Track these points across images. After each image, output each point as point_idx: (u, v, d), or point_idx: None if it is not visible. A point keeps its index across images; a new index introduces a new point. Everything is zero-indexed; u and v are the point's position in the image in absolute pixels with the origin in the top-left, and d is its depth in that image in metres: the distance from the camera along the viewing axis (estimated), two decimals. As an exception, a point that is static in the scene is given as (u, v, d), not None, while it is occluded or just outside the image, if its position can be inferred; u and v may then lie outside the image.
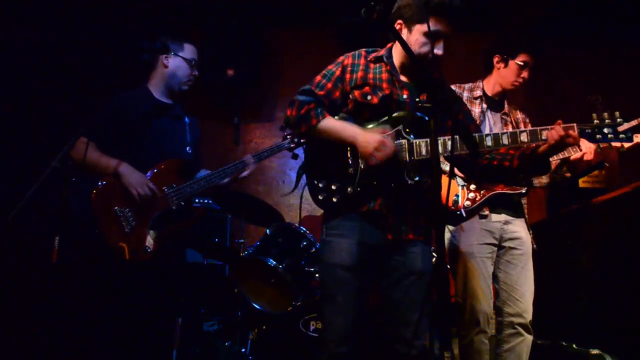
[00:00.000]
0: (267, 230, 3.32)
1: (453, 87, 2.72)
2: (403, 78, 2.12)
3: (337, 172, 2.04)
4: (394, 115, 2.03)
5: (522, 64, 2.69)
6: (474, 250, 2.60)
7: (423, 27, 1.96)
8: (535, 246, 2.72)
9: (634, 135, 1.97)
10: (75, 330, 2.81)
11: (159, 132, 2.60)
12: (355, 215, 2.02)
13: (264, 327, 3.08)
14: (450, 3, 1.94)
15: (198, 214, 2.63)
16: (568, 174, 2.72)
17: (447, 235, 2.73)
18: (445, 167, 2.64)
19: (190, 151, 2.70)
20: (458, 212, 2.62)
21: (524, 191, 2.69)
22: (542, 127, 1.96)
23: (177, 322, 2.96)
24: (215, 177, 2.61)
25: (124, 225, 2.41)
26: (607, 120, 1.95)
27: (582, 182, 3.89)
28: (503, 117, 2.81)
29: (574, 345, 2.93)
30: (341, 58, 2.15)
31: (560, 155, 2.70)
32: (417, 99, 2.07)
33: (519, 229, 2.68)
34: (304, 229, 3.18)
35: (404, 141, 1.99)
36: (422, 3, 1.95)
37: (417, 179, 1.97)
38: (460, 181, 2.67)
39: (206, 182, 2.59)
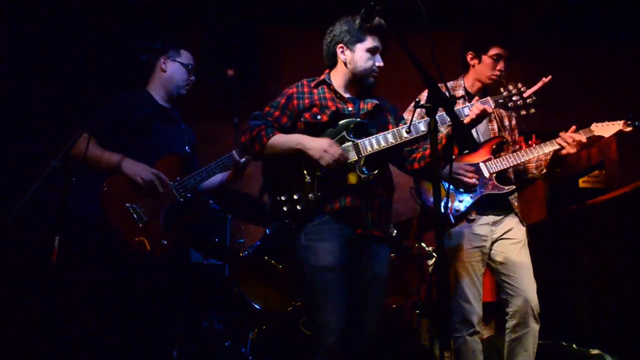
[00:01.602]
0: (267, 230, 3.33)
1: None
2: (347, 95, 2.37)
3: (296, 184, 2.23)
4: (337, 125, 2.28)
5: (495, 57, 2.69)
6: (463, 255, 2.62)
7: (364, 45, 2.29)
8: (528, 238, 2.72)
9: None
10: (77, 330, 2.81)
11: (158, 134, 2.62)
12: (329, 218, 2.19)
13: (264, 327, 3.09)
14: (380, 24, 2.27)
15: (204, 205, 2.67)
16: (558, 169, 2.75)
17: None
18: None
19: (189, 150, 2.73)
20: (450, 217, 2.63)
21: (512, 189, 2.68)
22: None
23: (177, 322, 2.96)
24: (215, 168, 2.65)
25: (137, 221, 2.42)
26: (513, 90, 2.25)
27: (582, 182, 3.91)
28: None
29: (574, 345, 2.94)
30: (285, 90, 2.39)
31: (545, 145, 2.67)
32: (360, 108, 2.35)
33: (509, 224, 2.69)
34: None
35: (349, 143, 2.24)
36: (358, 26, 2.29)
37: (367, 173, 2.21)
38: (446, 185, 2.66)
39: (207, 172, 2.63)
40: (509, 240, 2.65)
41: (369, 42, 2.29)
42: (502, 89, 2.27)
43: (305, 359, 2.89)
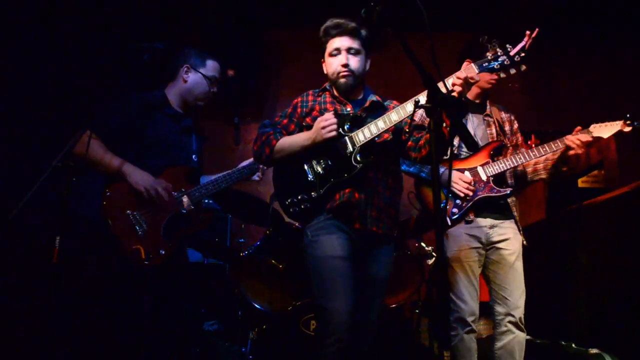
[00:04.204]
0: (267, 230, 3.34)
1: None
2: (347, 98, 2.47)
3: (300, 185, 2.33)
4: None
5: None
6: (460, 255, 2.64)
7: (327, 52, 2.42)
8: (525, 243, 2.73)
9: None
10: (78, 331, 2.81)
11: (167, 138, 2.58)
12: (331, 215, 2.27)
13: (264, 327, 3.10)
14: (336, 24, 2.40)
15: (207, 218, 2.63)
16: (565, 168, 2.75)
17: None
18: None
19: (196, 159, 2.70)
20: (447, 219, 2.65)
21: (508, 192, 2.70)
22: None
23: (178, 322, 2.97)
24: (222, 182, 2.66)
25: (137, 229, 2.40)
26: (499, 51, 2.13)
27: (581, 182, 3.91)
28: (485, 118, 2.83)
29: (573, 345, 2.94)
30: (293, 100, 2.52)
31: (549, 146, 2.69)
32: (359, 109, 2.41)
33: (506, 230, 2.70)
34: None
35: (345, 138, 2.31)
36: (321, 34, 2.43)
37: (363, 160, 2.26)
38: (445, 190, 2.68)
39: (214, 186, 2.63)
40: (504, 250, 2.66)
41: (329, 47, 2.42)
42: (487, 54, 2.18)
43: (306, 358, 2.91)
